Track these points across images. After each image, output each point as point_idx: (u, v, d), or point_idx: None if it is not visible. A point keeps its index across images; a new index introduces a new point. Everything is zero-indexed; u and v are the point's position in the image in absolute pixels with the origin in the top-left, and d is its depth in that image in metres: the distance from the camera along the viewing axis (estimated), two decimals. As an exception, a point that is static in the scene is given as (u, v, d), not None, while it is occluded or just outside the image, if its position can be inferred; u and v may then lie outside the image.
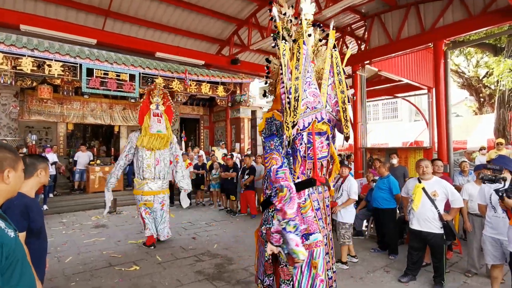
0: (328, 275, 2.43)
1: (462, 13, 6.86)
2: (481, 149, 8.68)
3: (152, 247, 5.06)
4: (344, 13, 8.59)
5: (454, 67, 14.20)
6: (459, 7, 6.89)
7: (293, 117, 2.15)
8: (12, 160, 1.25)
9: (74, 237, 5.71)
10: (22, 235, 1.77)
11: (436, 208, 3.51)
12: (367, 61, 8.74)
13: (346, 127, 2.36)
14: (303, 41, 2.29)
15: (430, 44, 7.70)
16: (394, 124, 19.46)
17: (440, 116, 7.19)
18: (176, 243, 5.32)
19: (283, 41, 2.31)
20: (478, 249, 3.88)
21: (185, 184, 5.72)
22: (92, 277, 3.91)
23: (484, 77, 13.77)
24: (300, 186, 2.37)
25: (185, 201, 5.89)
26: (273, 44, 2.50)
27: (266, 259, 2.49)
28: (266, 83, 2.81)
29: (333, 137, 2.65)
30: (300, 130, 2.25)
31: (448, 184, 3.61)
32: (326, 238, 2.47)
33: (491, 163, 3.28)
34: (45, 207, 7.58)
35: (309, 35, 2.39)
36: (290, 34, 2.52)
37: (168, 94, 5.79)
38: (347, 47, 10.24)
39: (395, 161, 5.87)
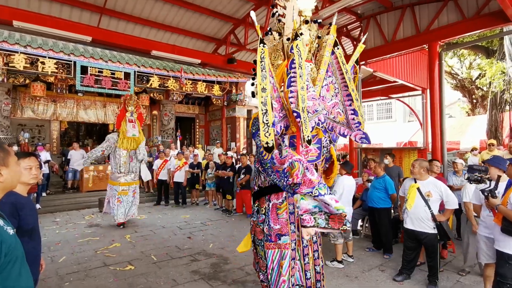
0: (316, 269, 2.60)
1: (456, 16, 6.96)
2: (472, 149, 8.79)
3: (121, 227, 6.24)
4: (340, 14, 8.63)
5: (447, 69, 14.38)
6: (454, 10, 6.98)
7: (306, 130, 2.06)
8: (1, 158, 1.25)
9: (68, 236, 5.64)
10: None
11: (429, 208, 3.55)
12: (363, 62, 8.80)
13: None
14: (297, 43, 2.15)
15: (425, 45, 7.78)
16: (388, 124, 19.64)
17: (434, 117, 7.27)
18: (172, 243, 5.29)
19: (261, 44, 2.15)
20: (470, 247, 3.95)
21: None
22: (86, 277, 3.87)
23: (476, 78, 13.97)
24: (278, 188, 2.36)
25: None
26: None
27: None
28: (252, 84, 2.68)
29: (332, 140, 2.63)
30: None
31: (443, 185, 3.64)
32: (300, 242, 2.52)
33: (486, 163, 3.33)
34: (38, 206, 7.48)
35: (301, 34, 2.29)
36: (280, 33, 2.45)
37: (139, 102, 6.98)
38: (343, 48, 10.30)
39: (387, 161, 5.91)
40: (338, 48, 2.42)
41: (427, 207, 3.55)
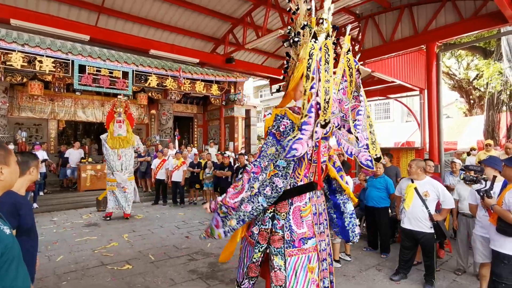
0: (330, 278, 2.53)
1: (454, 16, 6.99)
2: (471, 150, 8.83)
3: (108, 219, 6.78)
4: (339, 14, 8.66)
5: (445, 69, 14.42)
6: (451, 10, 7.01)
7: (324, 115, 2.03)
8: (3, 157, 1.25)
9: (65, 235, 5.63)
10: None
11: (427, 208, 3.57)
12: (361, 62, 8.81)
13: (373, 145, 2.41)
14: (325, 43, 2.19)
15: (422, 46, 7.81)
16: (386, 124, 19.68)
17: (431, 117, 7.30)
18: (169, 242, 5.29)
19: (313, 39, 2.12)
20: (464, 247, 3.99)
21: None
22: (84, 276, 3.86)
23: (474, 79, 14.02)
24: (302, 189, 2.35)
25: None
26: (296, 39, 2.45)
27: (254, 260, 2.45)
28: (283, 78, 2.74)
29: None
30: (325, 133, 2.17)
31: (440, 185, 3.66)
32: (325, 242, 2.49)
33: (482, 164, 3.35)
34: (35, 205, 7.45)
35: (329, 36, 2.35)
36: (310, 32, 2.40)
37: (128, 103, 7.45)
38: (341, 48, 10.31)
39: (384, 161, 5.93)
40: (349, 53, 2.45)
41: (424, 207, 3.57)
